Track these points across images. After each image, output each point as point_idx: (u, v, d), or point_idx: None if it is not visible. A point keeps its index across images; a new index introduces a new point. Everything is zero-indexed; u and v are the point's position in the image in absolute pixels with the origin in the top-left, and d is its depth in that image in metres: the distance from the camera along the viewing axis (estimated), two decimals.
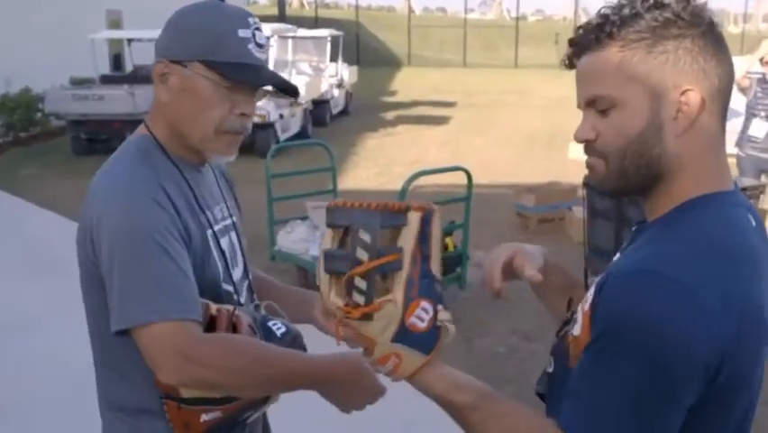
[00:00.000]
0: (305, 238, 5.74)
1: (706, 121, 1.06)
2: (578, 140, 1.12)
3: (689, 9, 1.05)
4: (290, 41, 13.31)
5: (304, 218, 6.04)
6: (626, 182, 1.11)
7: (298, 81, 13.11)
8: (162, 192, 1.43)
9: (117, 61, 16.61)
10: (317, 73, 15.34)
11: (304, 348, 1.55)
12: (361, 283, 1.12)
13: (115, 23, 17.88)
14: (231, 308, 1.49)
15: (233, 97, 1.47)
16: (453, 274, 5.43)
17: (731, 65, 1.09)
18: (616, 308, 0.99)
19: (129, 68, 14.56)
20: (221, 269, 1.54)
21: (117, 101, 11.11)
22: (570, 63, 1.13)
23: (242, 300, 1.61)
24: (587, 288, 1.14)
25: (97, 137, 11.53)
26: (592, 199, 5.45)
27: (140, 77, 12.63)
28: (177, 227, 1.42)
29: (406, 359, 1.13)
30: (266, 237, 6.00)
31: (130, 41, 13.85)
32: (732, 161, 5.75)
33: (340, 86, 16.10)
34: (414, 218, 1.13)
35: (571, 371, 1.08)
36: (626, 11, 1.06)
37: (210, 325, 1.44)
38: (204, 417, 1.45)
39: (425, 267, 1.13)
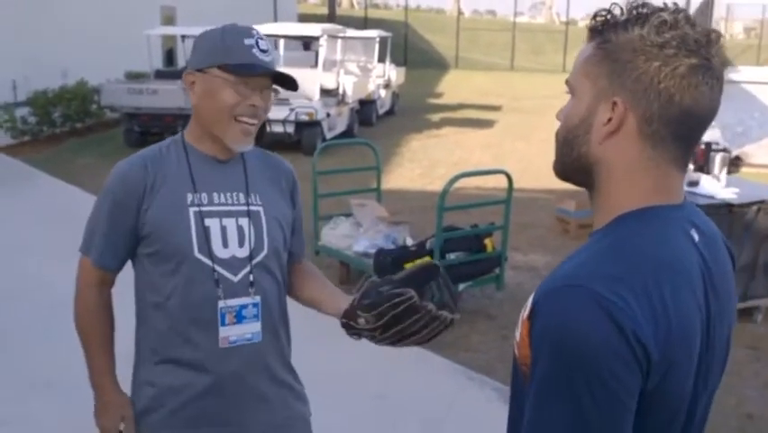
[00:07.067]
0: (348, 234, 5.90)
1: (636, 140, 1.08)
2: (557, 118, 1.20)
3: (664, 33, 1.05)
4: (339, 41, 13.49)
5: (348, 215, 6.20)
6: (563, 169, 1.18)
7: (346, 81, 13.31)
8: (141, 170, 1.85)
9: (170, 56, 16.98)
10: (365, 73, 15.54)
11: (411, 310, 1.68)
12: None
13: (169, 19, 18.30)
14: None
15: (243, 91, 1.81)
16: (491, 275, 5.51)
17: (706, 98, 1.07)
18: (547, 326, 1.01)
19: (181, 63, 14.89)
20: (194, 240, 1.84)
21: (170, 95, 11.42)
22: None
23: (232, 277, 1.87)
24: None
25: (150, 130, 11.83)
26: None
27: None
28: (134, 198, 1.85)
29: None
30: (311, 232, 6.17)
31: (183, 37, 14.17)
32: None
33: (387, 86, 16.28)
34: None
35: (517, 371, 1.13)
36: (619, 14, 1.09)
37: None
38: None
39: None
